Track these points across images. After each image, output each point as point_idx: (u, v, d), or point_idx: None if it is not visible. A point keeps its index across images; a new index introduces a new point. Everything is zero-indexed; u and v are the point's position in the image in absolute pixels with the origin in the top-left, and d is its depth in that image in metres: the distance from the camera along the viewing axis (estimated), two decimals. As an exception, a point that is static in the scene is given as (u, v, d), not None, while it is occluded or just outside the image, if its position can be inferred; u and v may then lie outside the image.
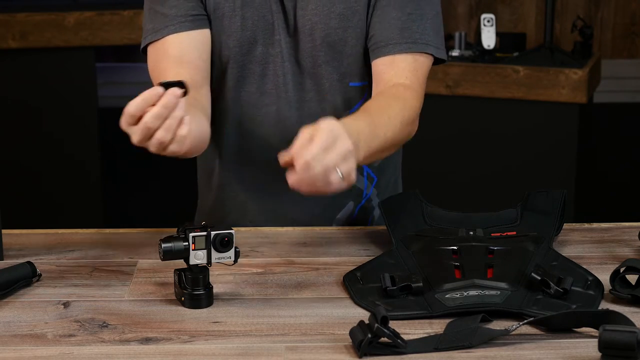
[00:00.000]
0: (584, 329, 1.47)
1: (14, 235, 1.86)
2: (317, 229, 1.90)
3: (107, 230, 1.90)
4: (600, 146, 4.62)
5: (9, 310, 1.57)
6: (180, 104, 1.51)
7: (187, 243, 1.55)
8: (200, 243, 1.55)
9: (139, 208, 4.37)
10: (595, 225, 1.91)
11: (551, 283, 1.54)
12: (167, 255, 1.55)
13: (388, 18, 1.85)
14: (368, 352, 1.40)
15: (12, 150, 3.92)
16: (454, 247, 1.68)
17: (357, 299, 1.58)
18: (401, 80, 1.84)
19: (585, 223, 1.92)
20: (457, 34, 3.80)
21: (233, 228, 1.58)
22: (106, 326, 1.52)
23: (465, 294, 1.54)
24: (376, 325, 1.39)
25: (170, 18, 1.86)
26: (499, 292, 1.54)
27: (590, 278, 1.61)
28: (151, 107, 1.50)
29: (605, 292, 1.58)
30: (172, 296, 1.60)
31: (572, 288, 1.55)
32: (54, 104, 3.92)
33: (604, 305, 1.55)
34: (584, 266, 1.66)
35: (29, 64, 3.89)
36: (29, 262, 1.67)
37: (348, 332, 1.44)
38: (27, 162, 3.95)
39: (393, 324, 1.42)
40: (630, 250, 1.78)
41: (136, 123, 1.51)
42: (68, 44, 3.86)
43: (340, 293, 1.62)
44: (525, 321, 1.47)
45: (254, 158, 1.96)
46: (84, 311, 1.57)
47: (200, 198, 2.10)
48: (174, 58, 1.85)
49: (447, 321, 1.49)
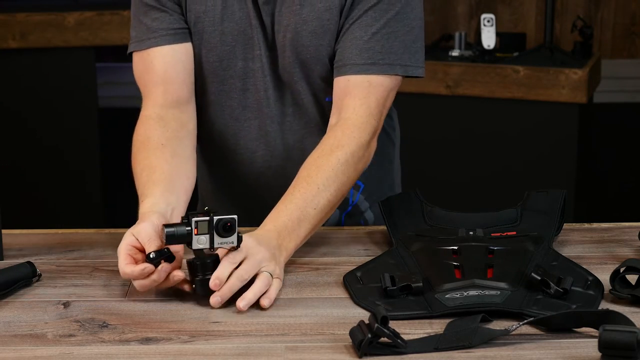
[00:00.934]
0: (584, 329, 1.47)
1: (14, 235, 1.86)
2: (317, 229, 1.89)
3: (107, 230, 1.90)
4: (600, 146, 4.62)
5: (9, 310, 1.57)
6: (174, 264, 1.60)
7: (190, 228, 1.56)
8: (203, 228, 1.56)
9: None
10: (595, 225, 1.91)
11: (551, 283, 1.54)
12: (170, 239, 1.56)
13: (351, 37, 1.81)
14: (368, 352, 1.40)
15: (12, 150, 3.92)
16: (454, 247, 1.68)
17: (357, 299, 1.58)
18: (348, 113, 1.79)
19: (585, 223, 1.92)
20: (457, 34, 3.80)
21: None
22: (106, 326, 1.52)
23: (465, 294, 1.54)
24: (376, 325, 1.39)
25: (152, 30, 1.85)
26: (499, 292, 1.54)
27: (590, 278, 1.61)
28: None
29: (605, 292, 1.58)
30: (172, 296, 1.61)
31: (572, 288, 1.55)
32: (54, 104, 3.92)
33: (604, 305, 1.55)
34: (584, 266, 1.66)
35: (29, 64, 3.89)
36: (29, 262, 1.67)
37: (348, 332, 1.44)
38: (27, 162, 3.94)
39: (393, 324, 1.42)
40: (630, 250, 1.78)
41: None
42: (68, 44, 3.86)
43: (340, 293, 1.62)
44: (525, 321, 1.47)
45: (240, 170, 1.96)
46: (84, 311, 1.56)
47: (200, 199, 2.10)
48: (159, 73, 1.86)
49: (447, 321, 1.49)
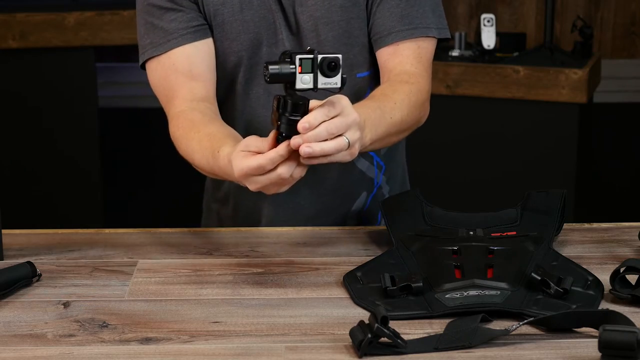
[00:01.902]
0: (584, 329, 1.47)
1: (14, 235, 1.86)
2: (317, 229, 1.90)
3: (107, 230, 1.90)
4: (600, 146, 4.62)
5: (9, 310, 1.57)
6: None
7: (294, 66, 1.51)
8: (307, 66, 1.52)
9: (139, 208, 4.37)
10: (595, 225, 1.91)
11: (551, 283, 1.54)
12: (274, 77, 1.51)
13: (387, 7, 1.87)
14: (368, 352, 1.40)
15: (12, 150, 3.92)
16: (454, 247, 1.67)
17: (357, 299, 1.58)
18: (406, 67, 1.85)
19: (585, 223, 1.92)
20: (457, 34, 3.79)
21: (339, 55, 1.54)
22: (106, 326, 1.52)
23: (465, 294, 1.54)
24: (376, 325, 1.39)
25: (170, 32, 1.85)
26: (499, 292, 1.54)
27: (590, 278, 1.61)
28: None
29: (605, 292, 1.58)
30: (172, 296, 1.61)
31: (572, 288, 1.55)
32: (54, 104, 3.91)
33: (604, 305, 1.55)
34: (584, 266, 1.66)
35: (29, 64, 3.89)
36: (29, 262, 1.67)
37: (348, 332, 1.44)
38: (27, 162, 3.94)
39: (393, 324, 1.42)
40: (630, 250, 1.78)
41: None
42: (68, 44, 3.85)
43: (340, 293, 1.62)
44: (525, 321, 1.47)
45: None
46: (84, 311, 1.56)
47: (205, 201, 2.09)
48: (184, 72, 1.85)
49: (447, 321, 1.49)
